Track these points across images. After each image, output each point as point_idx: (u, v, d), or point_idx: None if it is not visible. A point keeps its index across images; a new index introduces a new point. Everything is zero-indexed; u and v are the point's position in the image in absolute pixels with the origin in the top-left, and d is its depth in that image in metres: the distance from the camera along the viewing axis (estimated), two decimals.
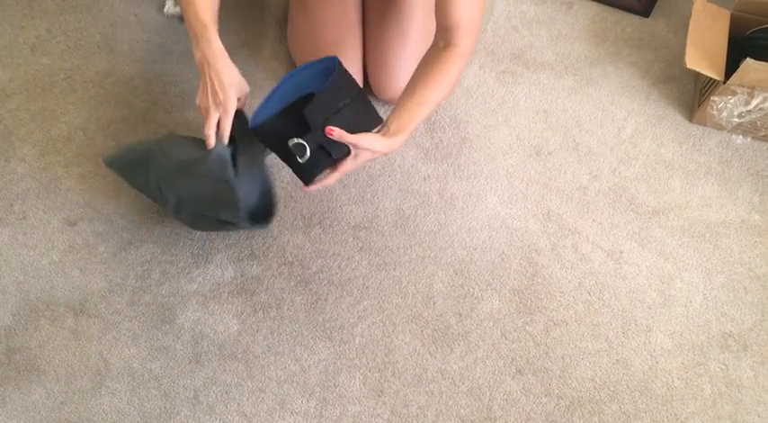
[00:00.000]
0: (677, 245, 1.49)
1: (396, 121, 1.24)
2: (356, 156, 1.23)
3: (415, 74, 1.31)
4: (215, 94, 1.17)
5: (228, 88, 1.18)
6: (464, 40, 1.25)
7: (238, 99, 1.23)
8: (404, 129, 1.23)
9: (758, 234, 1.50)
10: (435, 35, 1.29)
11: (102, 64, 1.71)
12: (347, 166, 1.24)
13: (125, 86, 1.68)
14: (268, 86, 1.67)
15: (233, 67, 1.20)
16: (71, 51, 1.72)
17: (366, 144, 1.19)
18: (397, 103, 1.27)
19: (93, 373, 1.34)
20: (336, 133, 1.17)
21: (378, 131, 1.25)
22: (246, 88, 1.23)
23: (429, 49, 1.31)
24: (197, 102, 1.21)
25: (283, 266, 1.45)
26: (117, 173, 1.38)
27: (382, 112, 1.65)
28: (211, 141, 1.21)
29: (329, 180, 1.26)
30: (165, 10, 1.76)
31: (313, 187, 1.28)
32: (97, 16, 1.78)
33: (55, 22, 1.78)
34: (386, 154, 1.24)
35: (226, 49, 1.19)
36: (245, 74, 1.66)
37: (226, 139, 1.22)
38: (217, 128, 1.22)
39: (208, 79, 1.17)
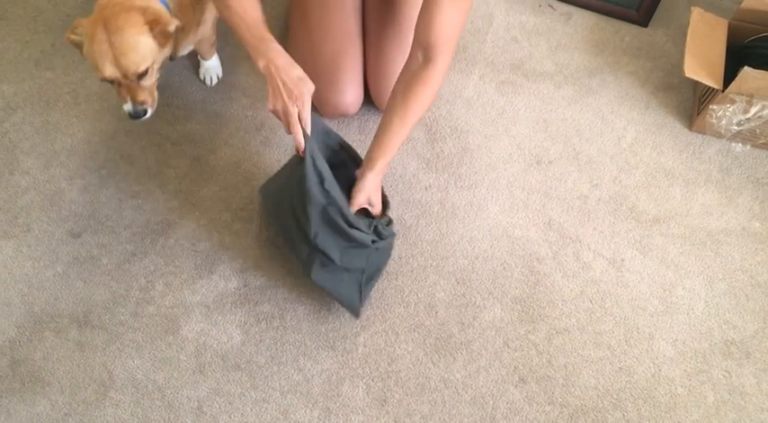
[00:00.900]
0: (678, 252, 1.50)
1: (380, 155, 1.31)
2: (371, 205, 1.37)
3: (394, 95, 1.32)
4: (289, 91, 1.20)
5: (299, 81, 1.21)
6: (443, 56, 1.26)
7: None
8: (387, 157, 1.32)
9: (759, 241, 1.51)
10: (413, 47, 1.30)
11: None
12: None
13: None
14: None
15: (297, 66, 1.24)
16: (75, 65, 1.74)
17: (364, 201, 1.32)
18: (380, 129, 1.33)
19: (97, 384, 1.35)
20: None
21: (365, 168, 1.32)
22: (312, 86, 1.25)
23: (407, 64, 1.31)
24: (270, 108, 1.23)
25: (287, 276, 1.46)
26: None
27: None
28: (300, 139, 1.23)
29: None
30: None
31: None
32: None
33: (59, 36, 1.79)
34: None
35: (228, 62, 1.20)
36: (247, 86, 1.68)
37: (309, 127, 1.24)
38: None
39: (278, 81, 1.20)
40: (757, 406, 1.33)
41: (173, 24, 1.31)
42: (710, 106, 1.55)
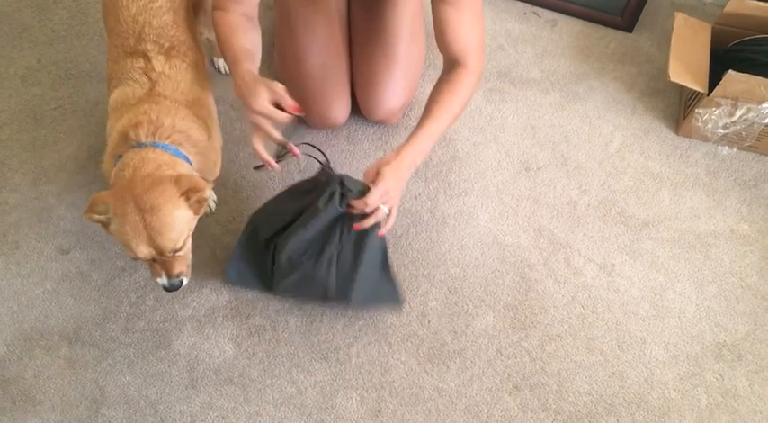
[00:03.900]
0: (668, 256, 1.50)
1: (405, 147, 1.21)
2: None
3: (430, 97, 1.28)
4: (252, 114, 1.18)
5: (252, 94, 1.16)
6: (471, 60, 1.25)
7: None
8: (413, 151, 1.22)
9: (747, 243, 1.52)
10: (444, 67, 1.29)
11: (93, 93, 1.72)
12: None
13: None
14: None
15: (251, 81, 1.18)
16: (61, 81, 1.74)
17: (379, 196, 1.18)
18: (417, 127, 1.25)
19: (89, 401, 1.34)
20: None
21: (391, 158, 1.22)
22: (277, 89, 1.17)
23: (443, 71, 1.30)
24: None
25: None
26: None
27: (373, 130, 1.66)
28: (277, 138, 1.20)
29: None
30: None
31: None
32: (87, 45, 1.80)
33: (45, 52, 1.79)
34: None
35: (216, 76, 1.18)
36: (235, 99, 1.68)
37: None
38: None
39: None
40: (750, 408, 1.34)
41: (208, 189, 1.16)
42: (696, 110, 1.56)
